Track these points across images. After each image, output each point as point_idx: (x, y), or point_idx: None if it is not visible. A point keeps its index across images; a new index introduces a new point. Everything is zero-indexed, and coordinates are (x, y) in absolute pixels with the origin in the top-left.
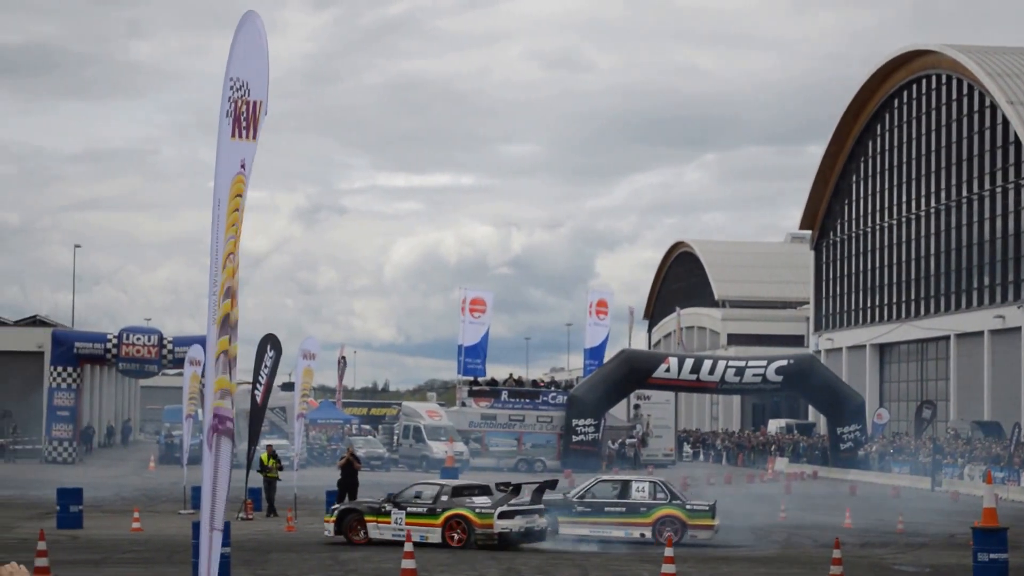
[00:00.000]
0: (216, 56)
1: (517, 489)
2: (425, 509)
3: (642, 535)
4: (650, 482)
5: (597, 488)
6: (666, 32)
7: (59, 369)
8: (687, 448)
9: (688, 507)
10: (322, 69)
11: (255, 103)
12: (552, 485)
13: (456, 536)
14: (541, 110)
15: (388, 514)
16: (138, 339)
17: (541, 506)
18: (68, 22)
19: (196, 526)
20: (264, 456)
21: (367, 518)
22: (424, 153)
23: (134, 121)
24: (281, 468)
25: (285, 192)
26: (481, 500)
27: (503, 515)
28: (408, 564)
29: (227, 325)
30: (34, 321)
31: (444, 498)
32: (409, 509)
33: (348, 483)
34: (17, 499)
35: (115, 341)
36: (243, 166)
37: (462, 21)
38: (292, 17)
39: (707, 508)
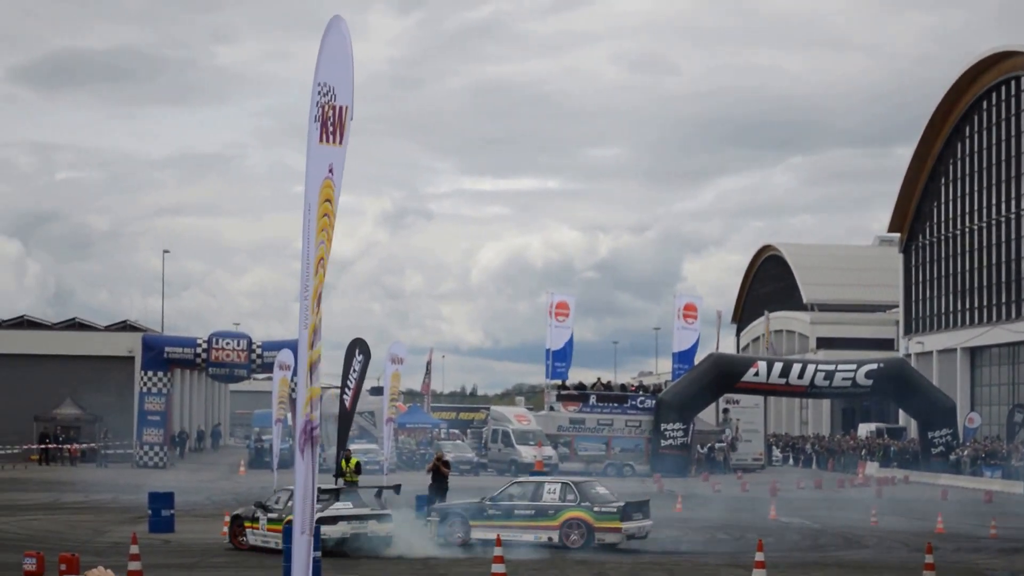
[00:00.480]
0: (300, 61)
1: (384, 492)
2: (278, 515)
3: (549, 539)
4: (561, 484)
5: (512, 490)
6: (753, 34)
7: (149, 374)
8: (777, 452)
9: (596, 510)
10: (407, 73)
11: (341, 108)
12: (396, 489)
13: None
14: (627, 113)
15: (257, 520)
16: (227, 344)
17: (385, 512)
18: (154, 28)
19: (287, 530)
20: (343, 462)
21: (245, 524)
22: (510, 157)
23: (220, 126)
24: (359, 473)
25: (372, 197)
26: (339, 505)
27: (322, 520)
28: (498, 568)
29: (318, 332)
30: (124, 326)
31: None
32: (270, 515)
33: (438, 488)
34: (109, 503)
35: (205, 346)
36: (331, 171)
37: (547, 24)
38: (377, 21)
39: (615, 511)
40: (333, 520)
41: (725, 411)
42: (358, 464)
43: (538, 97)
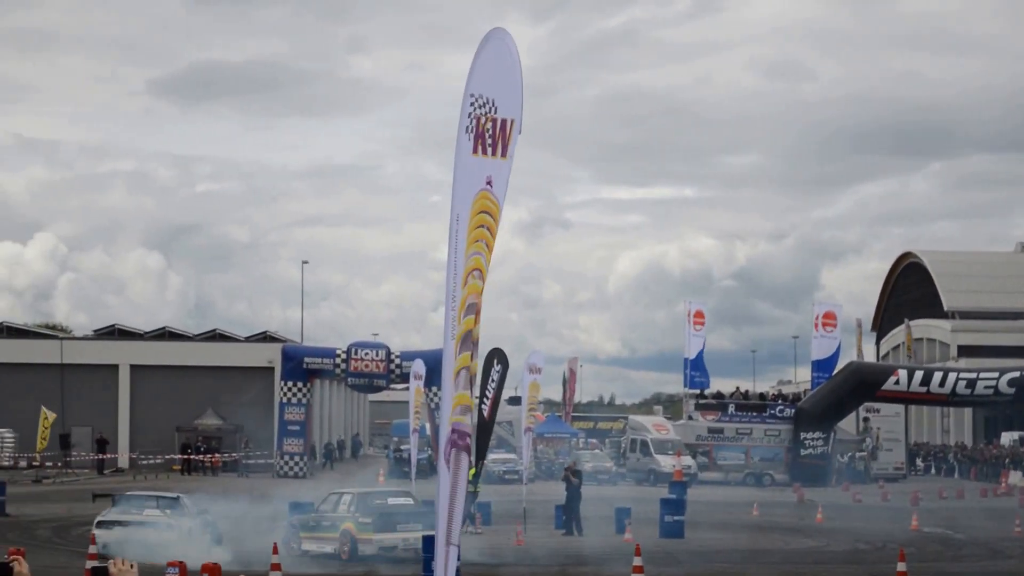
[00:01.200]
0: (436, 71)
1: None
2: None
3: (333, 550)
4: (350, 495)
5: (327, 502)
6: (890, 38)
7: (289, 384)
8: (918, 461)
9: (360, 522)
10: (542, 82)
11: (504, 121)
12: (176, 500)
13: None
14: (763, 120)
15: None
16: (366, 354)
17: (159, 520)
18: (291, 39)
19: (428, 540)
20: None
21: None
22: (646, 165)
23: (357, 137)
24: (476, 482)
25: (509, 206)
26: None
27: (99, 524)
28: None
29: (468, 341)
30: (264, 337)
31: None
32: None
33: (568, 497)
34: (250, 513)
35: (344, 356)
36: (489, 183)
37: (682, 31)
38: (511, 30)
39: (369, 523)
40: (109, 525)
41: (865, 420)
42: (476, 473)
43: (674, 105)
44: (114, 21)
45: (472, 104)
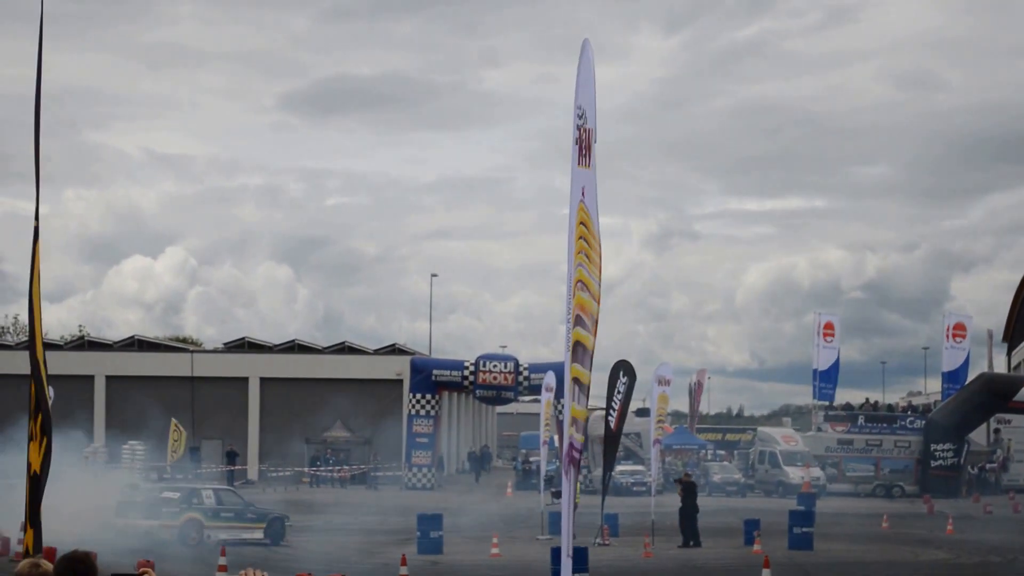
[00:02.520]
0: (563, 83)
1: None
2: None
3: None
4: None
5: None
6: (1021, 47)
7: (418, 396)
8: None
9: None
10: (673, 94)
11: (590, 131)
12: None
13: None
14: (894, 130)
15: None
16: (494, 366)
17: None
18: (422, 53)
19: (555, 552)
20: None
21: None
22: (775, 176)
23: (487, 150)
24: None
25: (638, 218)
26: None
27: None
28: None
29: (577, 352)
30: (393, 349)
31: None
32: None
33: (681, 509)
34: (379, 525)
35: (472, 368)
36: (583, 194)
37: (813, 43)
38: (643, 43)
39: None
40: None
41: (996, 431)
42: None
43: (804, 116)
44: (245, 37)
45: (578, 116)
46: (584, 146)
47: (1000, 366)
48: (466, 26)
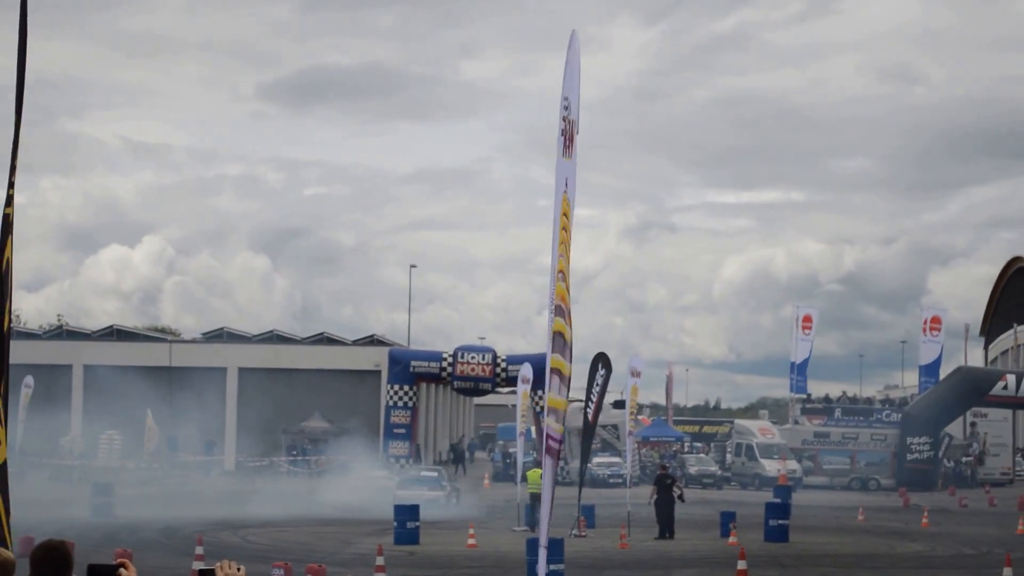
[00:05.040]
0: (542, 75)
1: None
2: None
3: None
4: None
5: None
6: (1000, 41)
7: (396, 387)
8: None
9: None
10: (651, 86)
11: (573, 121)
12: None
13: None
14: (873, 124)
15: None
16: (472, 357)
17: None
18: (402, 44)
19: (531, 543)
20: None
21: None
22: (754, 169)
23: (466, 141)
24: None
25: (615, 210)
26: None
27: None
28: None
29: (557, 342)
30: (372, 340)
31: None
32: None
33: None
34: (356, 516)
35: (450, 359)
36: (566, 184)
37: (792, 35)
38: (621, 34)
39: None
40: None
41: (973, 424)
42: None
43: (783, 109)
44: (224, 26)
45: (564, 107)
46: (568, 137)
47: (976, 360)
48: (445, 17)
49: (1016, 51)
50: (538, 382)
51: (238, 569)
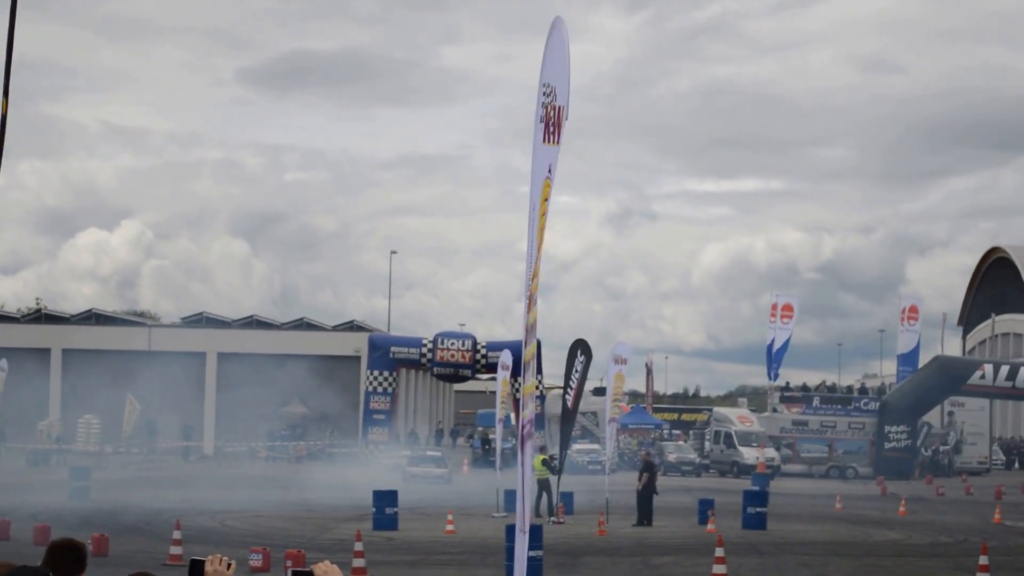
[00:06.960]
0: (523, 61)
1: None
2: None
3: None
4: None
5: None
6: (981, 32)
7: (375, 373)
8: (1002, 456)
9: None
10: (632, 73)
11: (559, 108)
12: None
13: None
14: (853, 113)
15: None
16: (452, 344)
17: None
18: (382, 29)
19: (510, 529)
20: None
21: None
22: (734, 158)
23: (447, 127)
24: (554, 473)
25: (596, 198)
26: None
27: None
28: (719, 568)
29: (533, 332)
30: (352, 326)
31: None
32: None
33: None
34: (335, 501)
35: (430, 346)
36: (550, 171)
37: (774, 24)
38: (603, 22)
39: None
40: None
41: (950, 414)
42: (544, 460)
43: (764, 97)
44: (205, 10)
45: (544, 93)
46: (553, 123)
47: (954, 349)
48: (425, 2)
49: (992, 42)
50: (518, 368)
51: (228, 565)
